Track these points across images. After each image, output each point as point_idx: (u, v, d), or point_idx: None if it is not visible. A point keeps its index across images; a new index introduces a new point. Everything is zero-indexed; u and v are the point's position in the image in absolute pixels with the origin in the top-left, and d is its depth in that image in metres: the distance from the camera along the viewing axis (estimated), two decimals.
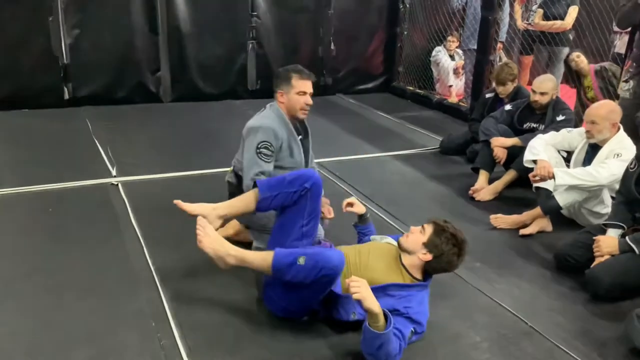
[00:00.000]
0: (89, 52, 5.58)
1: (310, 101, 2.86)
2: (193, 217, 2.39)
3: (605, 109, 3.17)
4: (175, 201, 2.44)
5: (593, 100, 5.19)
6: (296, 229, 2.45)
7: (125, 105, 5.81)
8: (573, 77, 5.25)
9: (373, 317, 1.99)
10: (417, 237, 2.30)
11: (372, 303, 1.98)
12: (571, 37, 5.81)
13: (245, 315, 2.38)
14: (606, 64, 5.09)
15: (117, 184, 3.73)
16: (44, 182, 3.68)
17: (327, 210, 2.84)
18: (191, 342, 2.18)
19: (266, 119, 2.83)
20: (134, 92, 5.91)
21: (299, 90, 2.82)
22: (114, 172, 3.93)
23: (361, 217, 2.72)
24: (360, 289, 1.99)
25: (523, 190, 3.81)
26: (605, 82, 5.01)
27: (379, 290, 2.17)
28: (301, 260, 2.09)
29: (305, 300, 2.25)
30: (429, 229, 2.30)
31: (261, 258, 2.22)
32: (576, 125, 3.86)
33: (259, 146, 2.74)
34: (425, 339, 2.26)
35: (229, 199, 2.67)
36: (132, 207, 3.38)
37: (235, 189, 2.89)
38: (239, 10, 6.16)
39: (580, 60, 5.12)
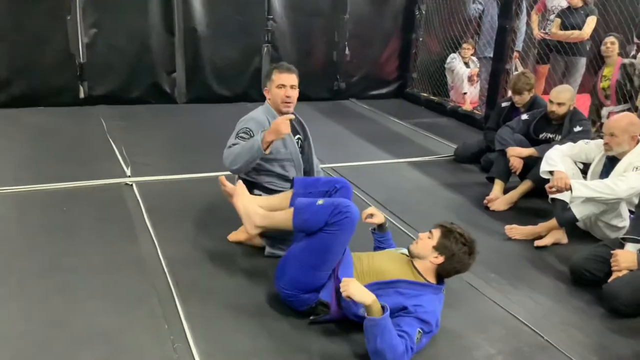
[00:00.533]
0: (105, 52, 5.61)
1: (289, 93, 2.93)
2: (210, 215, 2.44)
3: (625, 121, 3.13)
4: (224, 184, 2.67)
5: (604, 90, 5.15)
6: None
7: (139, 105, 5.84)
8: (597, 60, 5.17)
9: (368, 309, 2.04)
10: (426, 242, 2.32)
11: (363, 296, 2.05)
12: (588, 48, 5.78)
13: (258, 319, 2.37)
14: (637, 61, 5.02)
15: (132, 184, 3.74)
16: (58, 181, 3.70)
17: None
18: (204, 346, 2.17)
19: (253, 113, 3.00)
20: (149, 93, 5.93)
21: (278, 84, 2.94)
22: (128, 172, 3.94)
23: (380, 226, 2.71)
24: (347, 286, 2.06)
25: (539, 201, 3.77)
26: (625, 78, 4.94)
27: (389, 286, 2.21)
28: (320, 202, 2.29)
29: (320, 258, 2.26)
30: (436, 232, 2.33)
31: (284, 213, 2.42)
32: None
33: (239, 132, 2.88)
34: (439, 350, 2.25)
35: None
36: (146, 208, 3.39)
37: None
38: (255, 13, 6.17)
39: (614, 47, 5.07)
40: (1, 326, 2.22)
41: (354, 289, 2.06)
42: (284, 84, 2.94)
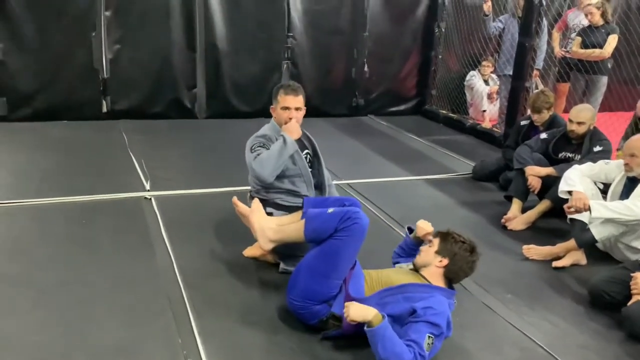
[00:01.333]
0: (128, 67, 5.73)
1: (292, 115, 2.97)
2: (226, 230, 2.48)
3: None
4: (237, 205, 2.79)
5: None
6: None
7: (161, 120, 5.94)
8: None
9: (369, 323, 2.09)
10: (428, 250, 2.41)
11: (363, 314, 2.10)
12: (610, 66, 5.72)
13: (271, 334, 2.38)
14: None
15: (150, 198, 3.79)
16: (79, 194, 3.77)
17: None
18: None
19: (261, 131, 3.05)
20: (170, 108, 6.03)
21: (283, 106, 2.99)
22: (147, 186, 4.00)
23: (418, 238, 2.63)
24: (348, 310, 2.12)
25: (557, 221, 3.73)
26: None
27: (398, 291, 2.24)
28: (330, 210, 2.37)
29: (330, 265, 2.29)
30: (435, 240, 2.42)
31: (296, 225, 2.47)
32: None
33: (253, 146, 2.93)
34: None
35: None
36: (163, 222, 3.43)
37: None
38: (275, 30, 6.25)
39: None
40: (19, 337, 2.26)
41: (354, 312, 2.12)
42: (289, 106, 2.97)
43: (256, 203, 2.72)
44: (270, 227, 2.57)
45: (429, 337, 2.09)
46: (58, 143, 4.96)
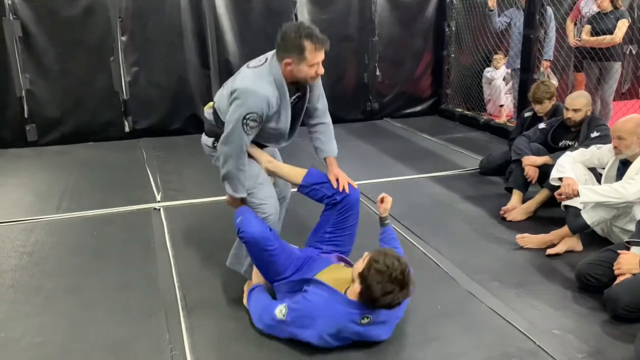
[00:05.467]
0: (146, 88, 6.02)
1: (322, 70, 2.51)
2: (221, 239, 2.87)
3: (633, 123, 3.06)
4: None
5: None
6: (320, 233, 2.71)
7: (179, 136, 6.19)
8: None
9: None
10: (358, 265, 2.23)
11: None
12: (622, 52, 5.60)
13: (257, 332, 2.48)
14: None
15: (159, 209, 3.99)
16: (95, 208, 4.01)
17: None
18: (200, 354, 2.32)
19: (262, 83, 2.45)
20: (188, 124, 6.28)
21: (314, 63, 2.45)
22: (158, 198, 4.21)
23: (380, 219, 2.79)
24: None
25: (558, 210, 3.67)
26: None
27: (307, 284, 2.33)
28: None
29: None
30: (367, 258, 2.20)
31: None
32: None
33: (247, 116, 2.42)
34: (426, 355, 2.29)
35: (207, 135, 2.81)
36: (169, 230, 3.62)
37: (213, 128, 2.72)
38: None
39: None
40: (22, 337, 2.46)
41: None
42: (320, 62, 2.48)
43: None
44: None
45: (283, 307, 2.28)
46: (82, 163, 5.25)
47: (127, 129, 6.10)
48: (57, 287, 2.91)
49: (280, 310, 2.28)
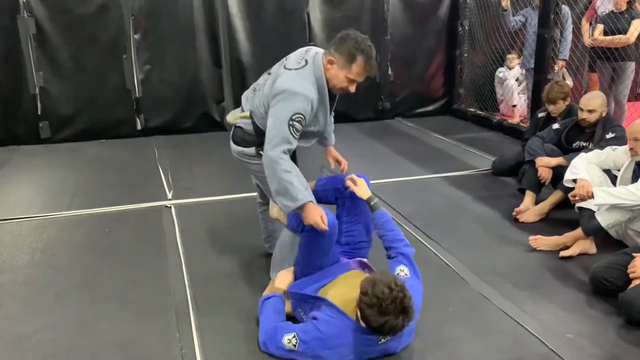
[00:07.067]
0: (158, 86, 6.04)
1: (353, 89, 2.51)
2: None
3: None
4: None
5: None
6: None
7: (191, 134, 6.21)
8: None
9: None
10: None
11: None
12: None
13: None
14: None
15: (171, 207, 4.00)
16: (107, 205, 4.03)
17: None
18: (210, 352, 2.32)
19: (306, 83, 2.42)
20: (200, 122, 6.30)
21: (354, 78, 2.45)
22: (169, 196, 4.22)
23: (368, 205, 2.55)
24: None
25: (571, 212, 3.61)
26: None
27: (315, 301, 2.28)
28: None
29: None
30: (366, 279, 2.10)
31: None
32: None
33: (294, 117, 2.37)
34: (431, 359, 2.26)
35: (240, 145, 2.75)
36: (180, 228, 3.62)
37: (247, 137, 2.69)
38: (296, 40, 6.37)
39: None
40: (34, 334, 2.47)
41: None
42: (358, 81, 2.49)
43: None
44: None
45: (292, 336, 2.17)
46: (94, 160, 5.28)
47: (139, 127, 6.13)
48: (68, 284, 2.92)
49: (290, 341, 2.18)
